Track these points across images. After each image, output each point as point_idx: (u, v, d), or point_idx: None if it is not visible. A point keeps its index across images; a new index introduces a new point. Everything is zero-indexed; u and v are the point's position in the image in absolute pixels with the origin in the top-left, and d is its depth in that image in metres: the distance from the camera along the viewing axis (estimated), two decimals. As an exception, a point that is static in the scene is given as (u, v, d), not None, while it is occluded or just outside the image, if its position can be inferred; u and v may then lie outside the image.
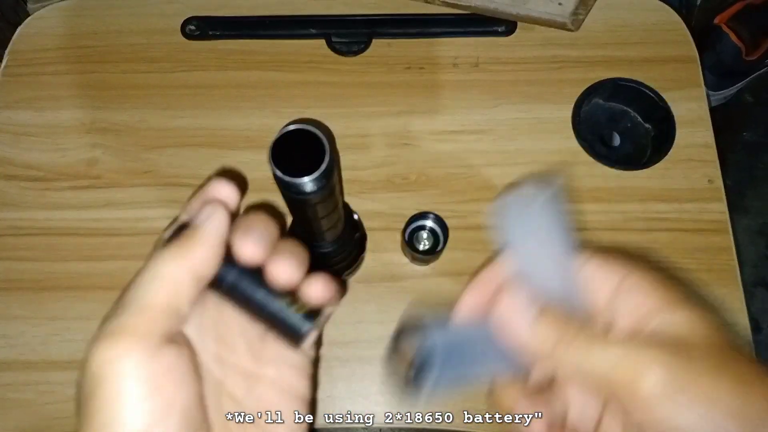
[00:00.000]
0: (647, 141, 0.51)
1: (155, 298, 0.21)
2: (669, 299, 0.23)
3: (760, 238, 0.99)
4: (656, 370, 0.20)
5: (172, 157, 0.49)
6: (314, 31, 0.53)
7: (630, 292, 0.23)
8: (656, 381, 0.20)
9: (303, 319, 0.23)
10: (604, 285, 0.24)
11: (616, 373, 0.21)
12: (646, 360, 0.21)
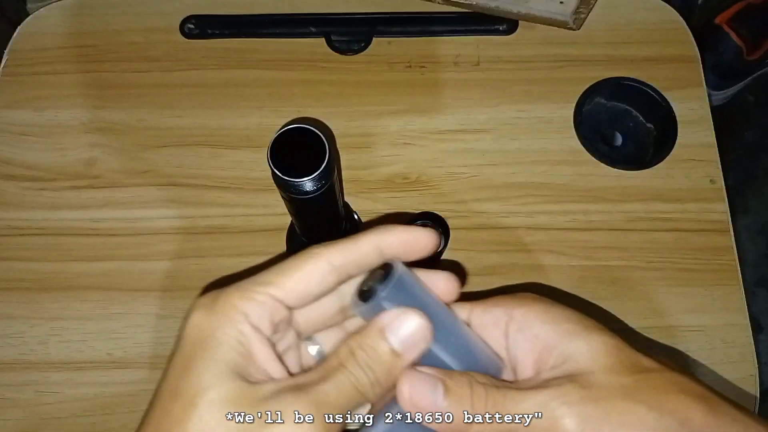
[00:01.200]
0: (649, 141, 0.51)
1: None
2: (561, 330, 0.22)
3: (761, 238, 0.99)
4: (568, 415, 0.20)
5: (172, 156, 0.49)
6: (314, 30, 0.53)
7: (519, 332, 0.23)
8: (573, 425, 0.20)
9: None
10: (494, 331, 0.23)
11: (534, 428, 0.20)
12: (555, 406, 0.20)
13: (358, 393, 0.21)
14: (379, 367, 0.21)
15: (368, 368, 0.21)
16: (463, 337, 0.23)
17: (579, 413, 0.20)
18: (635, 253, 0.46)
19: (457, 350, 0.23)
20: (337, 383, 0.21)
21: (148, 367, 0.43)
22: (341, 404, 0.21)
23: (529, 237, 0.46)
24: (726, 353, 0.43)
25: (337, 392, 0.20)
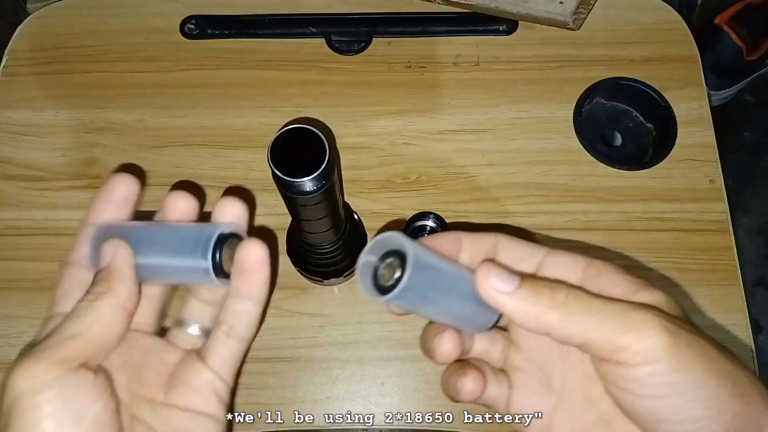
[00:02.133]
0: (649, 141, 0.51)
1: (87, 329, 0.23)
2: (638, 282, 0.23)
3: (760, 238, 0.99)
4: (658, 327, 0.20)
5: (171, 156, 0.49)
6: (314, 30, 0.53)
7: (599, 277, 0.23)
8: (658, 338, 0.20)
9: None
10: (569, 274, 0.24)
11: (617, 330, 0.21)
12: (645, 318, 0.20)
13: (86, 317, 0.23)
14: (96, 285, 0.25)
15: (88, 293, 0.24)
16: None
17: (670, 329, 0.20)
18: (635, 253, 0.46)
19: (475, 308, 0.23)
20: (61, 327, 0.23)
21: (148, 367, 0.43)
22: (74, 335, 0.23)
23: (529, 237, 0.46)
24: (725, 353, 0.43)
25: (64, 333, 0.23)
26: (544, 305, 0.21)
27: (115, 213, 0.27)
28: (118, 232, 0.26)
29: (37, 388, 0.21)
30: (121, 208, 0.27)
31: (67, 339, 0.22)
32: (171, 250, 0.24)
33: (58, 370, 0.21)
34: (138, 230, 0.26)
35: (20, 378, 0.21)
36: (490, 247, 0.25)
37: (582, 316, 0.21)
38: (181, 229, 0.26)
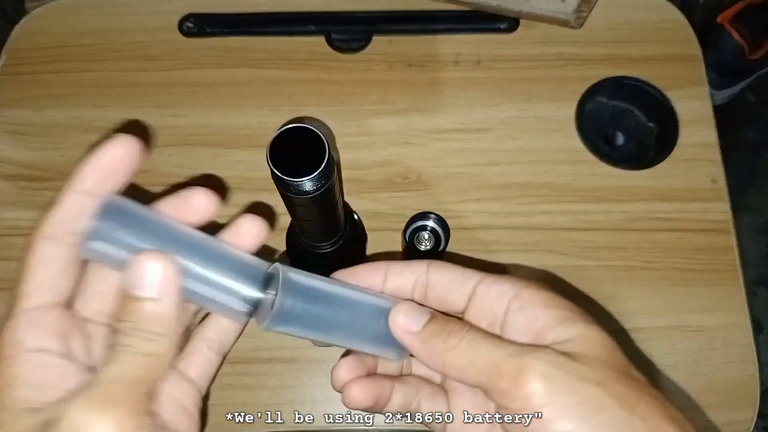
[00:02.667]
0: (650, 140, 0.50)
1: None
2: (563, 316, 0.22)
3: (762, 237, 0.99)
4: (536, 375, 0.20)
5: (171, 155, 0.49)
6: (314, 28, 0.53)
7: (523, 309, 0.23)
8: (540, 384, 0.20)
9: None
10: (495, 303, 0.24)
11: (499, 376, 0.21)
12: (530, 358, 0.21)
13: (147, 358, 0.20)
14: (148, 323, 0.20)
15: (138, 330, 0.20)
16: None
17: (550, 375, 0.20)
18: (636, 253, 0.46)
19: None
20: (121, 365, 0.20)
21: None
22: (139, 380, 0.20)
23: (529, 237, 0.46)
24: (726, 353, 0.43)
25: (126, 372, 0.19)
26: (441, 347, 0.22)
27: (107, 180, 0.22)
28: (152, 229, 0.21)
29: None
30: (116, 176, 0.22)
31: (137, 388, 0.20)
32: (217, 285, 0.21)
33: (127, 422, 0.19)
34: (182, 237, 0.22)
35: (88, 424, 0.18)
36: (420, 276, 0.25)
37: (472, 359, 0.22)
38: (231, 261, 0.22)
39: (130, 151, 0.22)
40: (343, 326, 0.23)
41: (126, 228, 0.21)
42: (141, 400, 0.20)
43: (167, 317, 0.20)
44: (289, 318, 0.22)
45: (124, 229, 0.21)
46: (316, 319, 0.22)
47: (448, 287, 0.25)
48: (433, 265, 0.25)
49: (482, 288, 0.24)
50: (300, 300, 0.22)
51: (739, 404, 0.42)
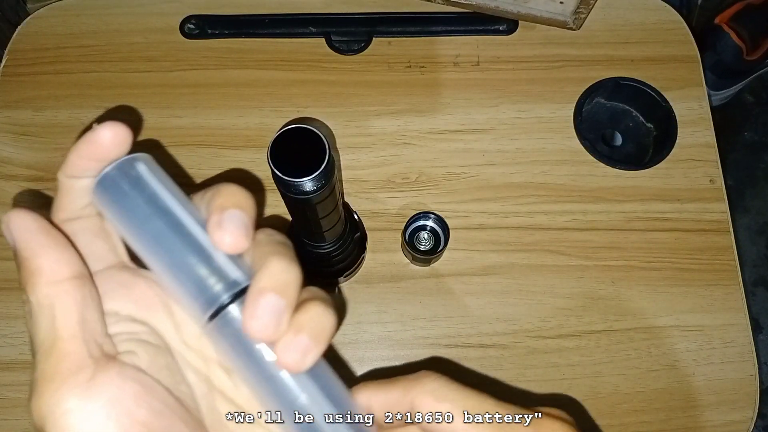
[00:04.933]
0: (649, 140, 0.51)
1: (51, 330, 0.18)
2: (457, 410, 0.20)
3: (761, 238, 0.99)
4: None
5: (171, 156, 0.49)
6: (314, 30, 0.53)
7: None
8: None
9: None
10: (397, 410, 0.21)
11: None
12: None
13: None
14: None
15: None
16: None
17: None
18: (635, 253, 0.46)
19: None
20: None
21: (148, 367, 0.43)
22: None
23: (529, 237, 0.46)
24: (726, 353, 0.43)
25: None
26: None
27: (96, 167, 0.21)
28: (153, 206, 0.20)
29: (65, 417, 0.17)
30: (105, 162, 0.21)
31: (50, 352, 0.18)
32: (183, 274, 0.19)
33: (73, 388, 0.17)
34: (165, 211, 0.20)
35: (40, 412, 0.17)
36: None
37: None
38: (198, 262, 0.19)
39: (116, 139, 0.21)
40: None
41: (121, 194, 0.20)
42: (78, 356, 0.18)
43: (24, 263, 0.19)
44: (226, 333, 0.19)
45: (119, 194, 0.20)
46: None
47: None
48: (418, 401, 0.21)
49: (377, 402, 0.21)
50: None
51: (739, 404, 0.43)
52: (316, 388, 0.20)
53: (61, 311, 0.18)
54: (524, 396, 0.42)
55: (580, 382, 0.43)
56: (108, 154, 0.21)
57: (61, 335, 0.18)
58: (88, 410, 0.17)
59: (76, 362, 0.18)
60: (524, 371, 0.43)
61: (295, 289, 0.19)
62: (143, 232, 0.20)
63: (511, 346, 0.44)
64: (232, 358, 0.19)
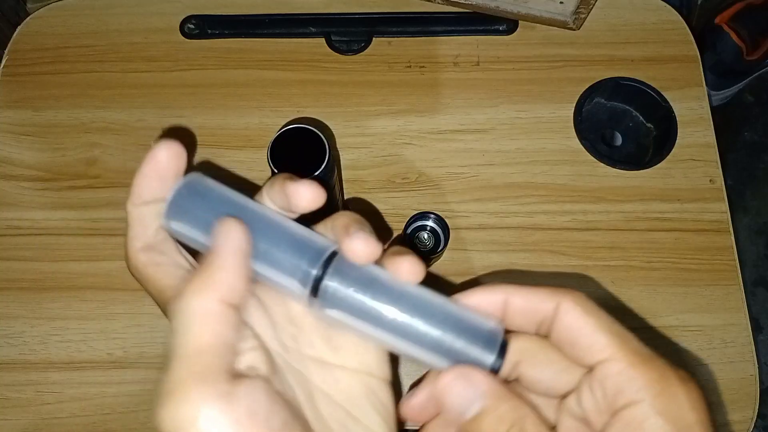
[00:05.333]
0: (649, 140, 0.51)
1: (200, 341, 0.18)
2: (631, 360, 0.19)
3: (760, 238, 0.99)
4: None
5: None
6: (314, 30, 0.53)
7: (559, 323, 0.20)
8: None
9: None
10: (618, 397, 0.20)
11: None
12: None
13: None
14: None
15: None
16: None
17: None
18: (635, 253, 0.46)
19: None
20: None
21: (148, 367, 0.43)
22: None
23: (529, 237, 0.46)
24: (726, 353, 0.43)
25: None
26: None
27: (160, 187, 0.22)
28: (231, 206, 0.21)
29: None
30: (167, 181, 0.22)
31: (190, 359, 0.18)
32: (272, 259, 0.20)
33: (213, 399, 0.17)
34: (253, 213, 0.21)
35: (175, 422, 0.17)
36: (547, 315, 0.21)
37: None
38: (293, 233, 0.21)
39: (172, 155, 0.22)
40: (395, 321, 0.20)
41: (196, 205, 0.21)
42: (219, 368, 0.18)
43: (211, 264, 0.20)
44: (337, 300, 0.20)
45: (195, 205, 0.21)
46: (367, 306, 0.20)
47: (544, 377, 0.21)
48: (563, 307, 0.21)
49: (602, 372, 0.20)
50: (352, 282, 0.20)
51: (739, 404, 0.43)
52: (438, 295, 0.21)
53: (214, 326, 0.19)
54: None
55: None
56: (167, 171, 0.22)
57: (205, 347, 0.18)
58: (227, 420, 0.17)
59: (216, 373, 0.18)
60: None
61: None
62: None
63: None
64: (354, 305, 0.20)
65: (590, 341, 0.20)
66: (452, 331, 0.20)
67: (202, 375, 0.18)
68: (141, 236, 0.23)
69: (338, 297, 0.20)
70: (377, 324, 0.20)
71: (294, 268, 0.20)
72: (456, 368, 0.20)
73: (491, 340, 0.20)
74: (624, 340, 0.20)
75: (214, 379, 0.18)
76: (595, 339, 0.20)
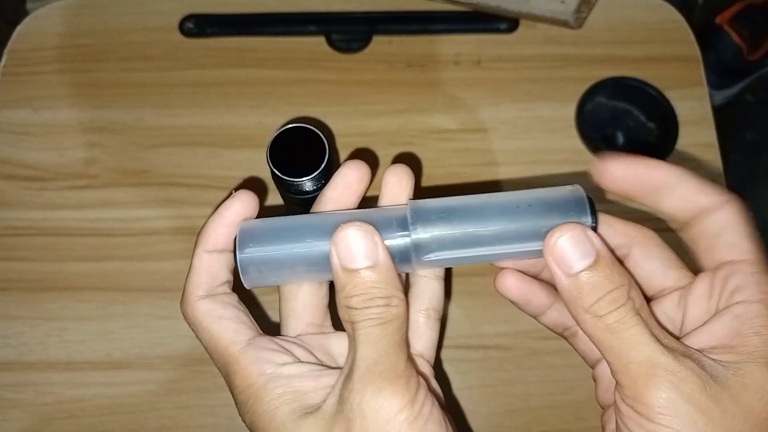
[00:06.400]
0: (650, 140, 0.51)
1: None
2: (758, 352, 0.20)
3: (762, 238, 0.99)
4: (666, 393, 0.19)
5: (170, 156, 0.49)
6: (314, 28, 0.53)
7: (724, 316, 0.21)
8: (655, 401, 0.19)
9: None
10: (691, 309, 0.22)
11: (629, 373, 0.19)
12: (661, 379, 0.19)
13: (390, 324, 0.21)
14: (375, 290, 0.21)
15: (369, 301, 0.21)
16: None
17: (691, 399, 0.19)
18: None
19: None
20: (373, 343, 0.21)
21: (147, 367, 0.43)
22: (393, 348, 0.21)
23: (530, 237, 0.46)
24: (727, 353, 0.43)
25: (380, 347, 0.21)
26: (586, 306, 0.20)
27: (230, 233, 0.23)
28: (289, 231, 0.22)
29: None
30: (234, 227, 0.24)
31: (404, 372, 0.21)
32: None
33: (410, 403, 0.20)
34: (317, 220, 0.23)
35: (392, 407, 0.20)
36: (628, 240, 0.24)
37: (618, 342, 0.20)
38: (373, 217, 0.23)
39: (247, 207, 0.24)
40: (492, 233, 0.22)
41: (270, 243, 0.22)
42: (406, 365, 0.21)
43: (388, 277, 0.21)
44: (436, 246, 0.21)
45: (268, 245, 0.22)
46: (463, 236, 0.22)
47: (650, 268, 0.23)
48: (726, 208, 0.22)
49: (732, 268, 0.22)
50: (437, 222, 0.22)
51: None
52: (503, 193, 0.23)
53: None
54: (525, 397, 0.42)
55: (581, 383, 0.42)
56: (240, 218, 0.23)
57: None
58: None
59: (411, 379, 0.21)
60: (525, 372, 0.43)
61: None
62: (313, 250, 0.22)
63: (512, 347, 0.43)
64: (452, 241, 0.22)
65: (737, 241, 0.22)
66: (542, 214, 0.21)
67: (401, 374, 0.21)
68: (206, 285, 0.23)
69: (437, 243, 0.22)
70: (478, 244, 0.22)
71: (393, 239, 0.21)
72: (568, 224, 0.21)
73: (579, 204, 0.21)
74: (762, 255, 0.22)
75: (409, 384, 0.21)
76: (742, 241, 0.22)
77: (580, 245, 0.20)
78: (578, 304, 0.20)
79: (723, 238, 0.22)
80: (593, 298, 0.20)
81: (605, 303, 0.20)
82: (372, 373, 0.20)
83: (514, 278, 0.25)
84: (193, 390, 0.42)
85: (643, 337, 0.20)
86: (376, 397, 0.20)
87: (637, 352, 0.19)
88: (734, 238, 0.22)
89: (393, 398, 0.20)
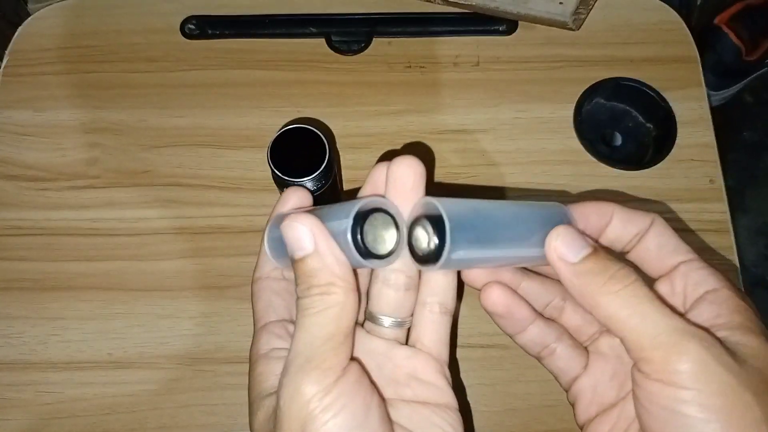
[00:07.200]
0: (649, 141, 0.51)
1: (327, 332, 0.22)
2: (745, 325, 0.22)
3: (760, 238, 0.99)
4: (700, 354, 0.19)
5: (171, 156, 0.49)
6: (314, 30, 0.53)
7: (712, 304, 0.22)
8: (695, 362, 0.19)
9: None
10: (691, 288, 0.23)
11: (656, 339, 0.20)
12: (693, 339, 0.20)
13: (327, 312, 0.22)
14: (315, 278, 0.22)
15: (310, 289, 0.22)
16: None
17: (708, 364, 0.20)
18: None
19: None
20: (307, 329, 0.22)
21: (148, 367, 0.43)
22: (327, 336, 0.22)
23: (529, 237, 0.46)
24: (725, 353, 0.43)
25: (314, 333, 0.22)
26: (597, 288, 0.21)
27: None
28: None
29: (323, 393, 0.20)
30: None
31: (325, 345, 0.21)
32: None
33: (333, 374, 0.21)
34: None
35: (307, 388, 0.21)
36: (642, 230, 0.25)
37: (629, 315, 0.21)
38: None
39: (303, 199, 0.28)
40: (510, 236, 0.24)
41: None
42: (336, 353, 0.21)
43: (329, 264, 0.21)
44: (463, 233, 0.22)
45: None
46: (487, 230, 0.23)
47: (656, 250, 0.25)
48: (656, 223, 0.25)
49: (686, 268, 0.24)
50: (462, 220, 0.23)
51: None
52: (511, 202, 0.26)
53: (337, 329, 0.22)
54: (524, 396, 0.42)
55: (580, 382, 0.43)
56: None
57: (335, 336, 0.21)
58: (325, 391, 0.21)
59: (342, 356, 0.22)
60: (525, 371, 0.43)
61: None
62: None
63: (512, 346, 0.43)
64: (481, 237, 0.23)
65: (677, 246, 0.25)
66: (543, 224, 0.23)
67: (329, 355, 0.22)
68: (260, 268, 0.27)
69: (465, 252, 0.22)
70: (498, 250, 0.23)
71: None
72: (561, 226, 0.23)
73: (564, 215, 0.24)
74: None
75: (338, 363, 0.22)
76: (681, 245, 0.25)
77: (576, 239, 0.23)
78: (591, 288, 0.22)
79: (665, 248, 0.25)
80: (605, 278, 0.21)
81: (617, 280, 0.21)
82: (293, 363, 0.21)
83: (499, 291, 0.25)
84: (194, 389, 0.42)
85: (665, 309, 0.21)
86: (293, 385, 0.21)
87: (663, 323, 0.20)
88: (674, 244, 0.25)
89: (306, 387, 0.20)
